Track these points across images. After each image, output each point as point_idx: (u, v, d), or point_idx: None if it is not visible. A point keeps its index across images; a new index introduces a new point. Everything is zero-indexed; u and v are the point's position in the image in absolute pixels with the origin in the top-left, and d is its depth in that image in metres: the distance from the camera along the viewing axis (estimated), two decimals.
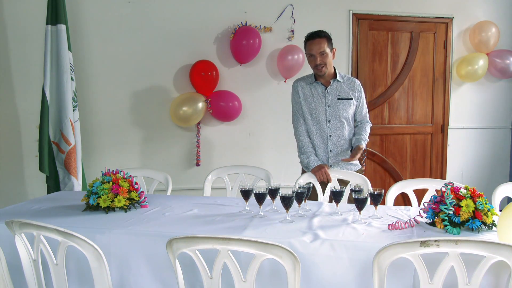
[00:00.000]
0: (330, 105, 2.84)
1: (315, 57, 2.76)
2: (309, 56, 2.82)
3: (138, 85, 3.87)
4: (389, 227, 1.84)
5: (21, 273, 1.68)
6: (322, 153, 2.87)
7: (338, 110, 2.83)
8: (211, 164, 3.88)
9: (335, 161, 2.86)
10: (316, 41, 2.75)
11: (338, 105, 2.84)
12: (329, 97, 2.84)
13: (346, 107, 2.84)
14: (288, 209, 1.96)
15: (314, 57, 2.77)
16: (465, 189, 1.83)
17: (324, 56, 2.77)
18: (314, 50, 2.76)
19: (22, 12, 3.64)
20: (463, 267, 1.39)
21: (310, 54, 2.79)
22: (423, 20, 4.33)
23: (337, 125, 2.84)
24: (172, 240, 1.45)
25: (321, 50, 2.75)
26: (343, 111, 2.83)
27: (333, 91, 2.85)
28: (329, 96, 2.84)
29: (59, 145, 3.42)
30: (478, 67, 4.26)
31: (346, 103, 2.84)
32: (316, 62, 2.77)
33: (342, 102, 2.83)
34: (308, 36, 2.83)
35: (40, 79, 3.44)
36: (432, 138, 4.49)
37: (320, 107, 2.84)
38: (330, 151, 2.86)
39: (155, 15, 3.85)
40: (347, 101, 2.84)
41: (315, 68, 2.81)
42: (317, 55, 2.76)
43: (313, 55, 2.77)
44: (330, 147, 2.85)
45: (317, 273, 1.64)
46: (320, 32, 2.79)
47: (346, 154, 2.87)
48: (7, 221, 1.64)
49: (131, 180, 2.22)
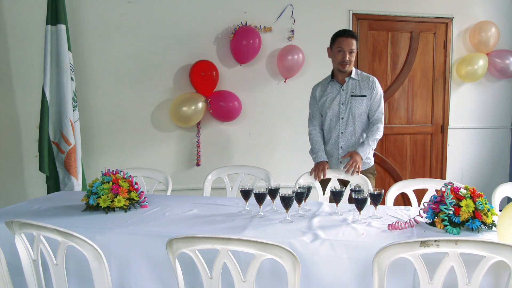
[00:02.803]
0: (344, 103, 2.90)
1: (344, 53, 2.83)
2: (337, 52, 2.86)
3: (138, 85, 3.87)
4: (389, 227, 1.84)
5: (21, 273, 1.68)
6: (334, 149, 2.93)
7: (351, 107, 2.88)
8: (211, 164, 3.88)
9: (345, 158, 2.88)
10: (349, 39, 2.83)
11: (351, 102, 2.89)
12: (344, 95, 2.91)
13: (359, 104, 2.88)
14: (288, 209, 1.96)
15: (343, 53, 2.83)
16: (465, 189, 1.83)
17: (352, 55, 2.85)
18: (345, 46, 2.83)
19: (22, 12, 3.64)
20: (463, 267, 1.39)
21: (339, 50, 2.85)
22: (423, 20, 4.33)
23: (349, 122, 2.89)
24: (172, 240, 1.45)
25: (351, 47, 2.83)
26: (356, 108, 2.88)
27: (348, 89, 2.91)
28: (343, 93, 2.91)
29: (59, 145, 3.42)
30: (478, 67, 4.25)
31: (359, 100, 2.88)
32: (344, 58, 2.83)
33: (355, 99, 2.88)
34: (339, 32, 2.88)
35: (40, 79, 3.44)
36: (432, 138, 4.49)
37: (334, 105, 2.92)
38: (341, 147, 2.91)
39: (155, 15, 3.85)
40: (360, 98, 2.88)
41: (341, 63, 2.85)
42: (346, 51, 2.83)
43: (343, 51, 2.83)
44: (341, 143, 2.91)
45: (317, 273, 1.64)
46: (352, 32, 2.91)
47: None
48: (7, 221, 1.64)
49: (131, 180, 2.22)
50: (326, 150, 2.96)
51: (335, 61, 2.89)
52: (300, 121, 4.06)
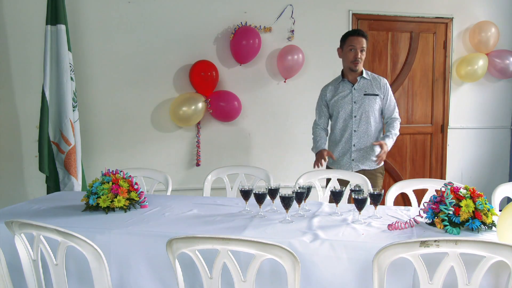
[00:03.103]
0: (357, 101, 2.96)
1: (356, 51, 2.91)
2: (348, 50, 2.94)
3: (138, 85, 3.87)
4: (389, 227, 1.84)
5: (21, 273, 1.68)
6: (346, 147, 2.99)
7: (364, 106, 2.95)
8: (211, 164, 3.88)
9: (357, 156, 2.96)
10: (360, 38, 2.92)
11: (364, 100, 2.96)
12: (356, 94, 2.97)
13: (372, 103, 2.96)
14: (288, 209, 1.96)
15: (354, 51, 2.91)
16: (465, 189, 1.83)
17: (362, 53, 2.94)
18: (356, 45, 2.91)
19: (22, 12, 3.64)
20: (463, 267, 1.40)
21: (351, 48, 2.93)
22: (423, 20, 4.33)
23: (362, 120, 2.96)
24: (172, 240, 1.45)
25: (362, 45, 2.92)
26: (369, 106, 2.95)
27: (360, 88, 2.98)
28: (356, 92, 2.98)
29: (59, 145, 3.42)
30: (478, 67, 4.25)
31: (372, 99, 2.96)
32: (356, 56, 2.92)
33: (368, 98, 2.96)
34: (351, 32, 3.00)
35: (40, 79, 3.44)
36: (432, 138, 4.49)
37: (346, 104, 2.98)
38: (353, 145, 2.97)
39: (155, 15, 3.85)
40: (373, 97, 2.96)
41: (353, 62, 2.93)
42: (358, 50, 2.91)
43: (354, 49, 2.91)
44: (354, 141, 2.97)
45: (317, 273, 1.64)
46: (362, 31, 2.98)
47: (369, 149, 2.96)
48: (7, 221, 1.64)
49: (131, 180, 2.22)
50: (338, 150, 3.01)
51: (347, 60, 2.96)
52: (300, 121, 4.08)
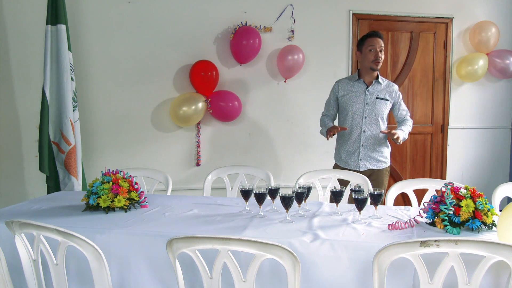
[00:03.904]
0: (369, 103, 3.04)
1: (376, 51, 3.00)
2: (368, 51, 3.02)
3: (138, 85, 3.87)
4: (389, 227, 1.84)
5: (21, 273, 1.68)
6: (354, 147, 3.06)
7: (375, 109, 3.04)
8: (211, 164, 3.88)
9: (364, 155, 3.04)
10: (378, 39, 3.02)
11: (376, 104, 3.04)
12: (369, 96, 3.05)
13: (383, 107, 3.05)
14: (288, 209, 1.96)
15: (375, 51, 3.00)
16: (465, 189, 1.83)
17: (382, 53, 3.03)
18: (376, 46, 3.00)
19: (22, 12, 3.64)
20: (463, 267, 1.39)
21: (370, 49, 3.01)
22: (423, 20, 4.32)
23: (372, 122, 3.04)
24: (172, 240, 1.45)
25: (381, 45, 3.02)
26: (380, 110, 3.05)
27: (373, 91, 3.06)
28: (368, 94, 3.05)
29: (59, 145, 3.42)
30: (478, 67, 4.26)
31: (383, 103, 3.05)
32: (377, 55, 3.00)
33: (380, 102, 3.05)
34: (370, 33, 3.08)
35: (40, 79, 3.44)
36: (432, 138, 4.49)
37: (358, 104, 3.05)
38: (362, 145, 3.03)
39: (155, 15, 3.85)
40: (384, 102, 3.06)
41: (374, 61, 3.00)
42: (378, 49, 3.00)
43: (374, 49, 3.00)
44: (363, 141, 3.05)
45: (317, 273, 1.64)
46: (379, 33, 3.08)
47: (377, 150, 3.06)
48: (7, 221, 1.64)
49: (131, 180, 2.22)
50: (346, 149, 3.08)
51: (367, 60, 3.02)
52: (300, 121, 4.08)
